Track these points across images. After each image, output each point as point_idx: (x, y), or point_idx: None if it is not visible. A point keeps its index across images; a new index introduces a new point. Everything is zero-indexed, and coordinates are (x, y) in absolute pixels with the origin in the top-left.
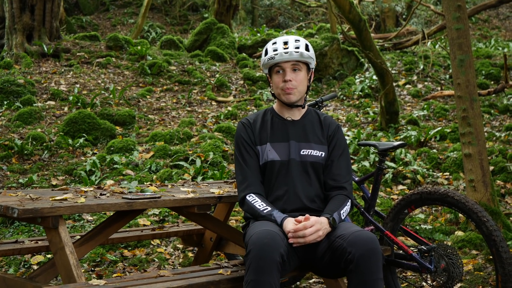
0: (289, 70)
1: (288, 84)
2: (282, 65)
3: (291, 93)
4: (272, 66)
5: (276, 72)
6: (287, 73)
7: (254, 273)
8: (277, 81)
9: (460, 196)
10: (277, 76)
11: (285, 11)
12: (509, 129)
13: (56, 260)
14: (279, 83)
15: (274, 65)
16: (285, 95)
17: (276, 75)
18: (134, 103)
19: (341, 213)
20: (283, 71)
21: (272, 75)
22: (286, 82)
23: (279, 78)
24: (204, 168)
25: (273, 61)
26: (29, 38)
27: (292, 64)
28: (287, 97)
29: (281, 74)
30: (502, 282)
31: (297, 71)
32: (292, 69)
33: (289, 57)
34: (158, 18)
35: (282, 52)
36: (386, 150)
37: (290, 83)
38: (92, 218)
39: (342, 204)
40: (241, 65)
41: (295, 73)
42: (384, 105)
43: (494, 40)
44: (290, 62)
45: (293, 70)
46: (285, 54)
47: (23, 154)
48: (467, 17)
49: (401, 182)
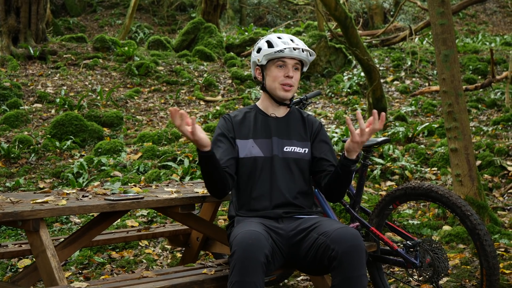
0: (291, 67)
1: (289, 81)
2: (286, 61)
3: (290, 90)
4: (274, 59)
5: (277, 65)
6: (290, 70)
7: (239, 274)
8: (276, 75)
9: (444, 190)
10: (278, 70)
11: (273, 9)
12: (496, 124)
13: (38, 263)
14: (279, 77)
15: (278, 58)
16: (283, 91)
17: (277, 68)
18: (122, 104)
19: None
20: (285, 66)
21: (270, 68)
22: (288, 77)
23: (280, 72)
24: (193, 168)
25: (281, 54)
26: (15, 41)
27: (295, 62)
28: (285, 93)
29: (283, 69)
30: (486, 276)
31: (297, 70)
32: (294, 67)
33: (297, 55)
34: (146, 18)
35: (291, 48)
36: (370, 146)
37: (291, 80)
38: (80, 221)
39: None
40: (229, 64)
41: (295, 72)
42: (371, 101)
43: (481, 35)
44: (295, 60)
45: (294, 69)
46: (294, 50)
47: (10, 158)
48: (451, 12)
49: (389, 178)
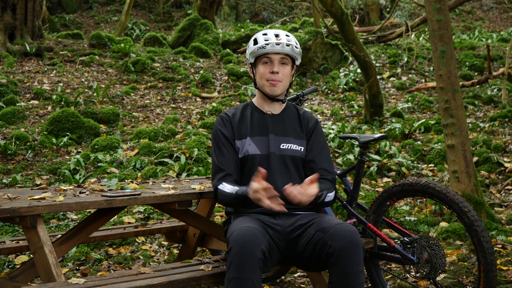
0: (277, 62)
1: (274, 76)
2: (271, 57)
3: (276, 85)
4: (260, 56)
5: (263, 62)
6: (275, 65)
7: (236, 270)
8: (263, 72)
9: (441, 187)
10: (264, 66)
11: (269, 6)
12: (493, 120)
13: (35, 259)
14: (265, 73)
15: (262, 55)
16: (270, 87)
17: (263, 65)
18: (118, 100)
19: (328, 195)
20: (271, 63)
21: (258, 65)
22: (273, 73)
23: (266, 69)
24: (189, 164)
25: (264, 50)
26: (11, 38)
27: (281, 57)
28: (272, 89)
29: (269, 65)
30: (484, 272)
31: (284, 65)
32: (280, 62)
33: (280, 49)
34: (142, 15)
35: (273, 43)
36: (367, 142)
37: (277, 75)
38: (77, 217)
39: (330, 188)
40: (225, 60)
41: (282, 66)
42: (368, 98)
43: (478, 31)
44: (280, 55)
45: (281, 64)
46: (276, 45)
47: (7, 154)
48: (447, 8)
49: (386, 174)
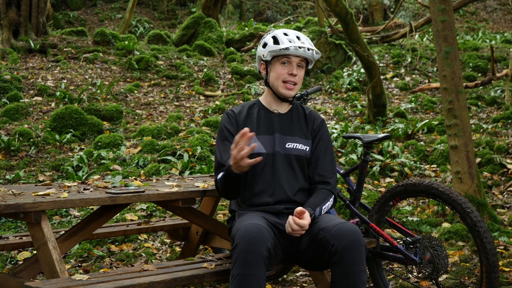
0: (295, 64)
1: (292, 78)
2: (291, 58)
3: (293, 89)
4: (278, 56)
5: (281, 62)
6: (294, 67)
7: (241, 266)
8: (280, 72)
9: (445, 187)
10: (282, 67)
11: (273, 5)
12: (496, 121)
13: (39, 255)
14: (282, 74)
15: (282, 55)
16: (285, 90)
17: (281, 65)
18: (122, 98)
19: (322, 208)
20: (289, 64)
21: (274, 64)
22: (292, 75)
23: (284, 70)
24: (192, 162)
25: (286, 51)
26: (15, 34)
27: (300, 60)
28: (287, 92)
29: (287, 66)
30: (486, 273)
31: (301, 67)
32: (297, 64)
33: (302, 53)
34: (146, 13)
35: (297, 46)
36: (370, 142)
37: (294, 78)
38: (80, 214)
39: (325, 199)
40: (229, 59)
41: (299, 69)
42: (371, 98)
43: (481, 32)
44: (299, 58)
45: (298, 66)
46: (300, 48)
47: (10, 150)
48: (452, 9)
49: (388, 174)
